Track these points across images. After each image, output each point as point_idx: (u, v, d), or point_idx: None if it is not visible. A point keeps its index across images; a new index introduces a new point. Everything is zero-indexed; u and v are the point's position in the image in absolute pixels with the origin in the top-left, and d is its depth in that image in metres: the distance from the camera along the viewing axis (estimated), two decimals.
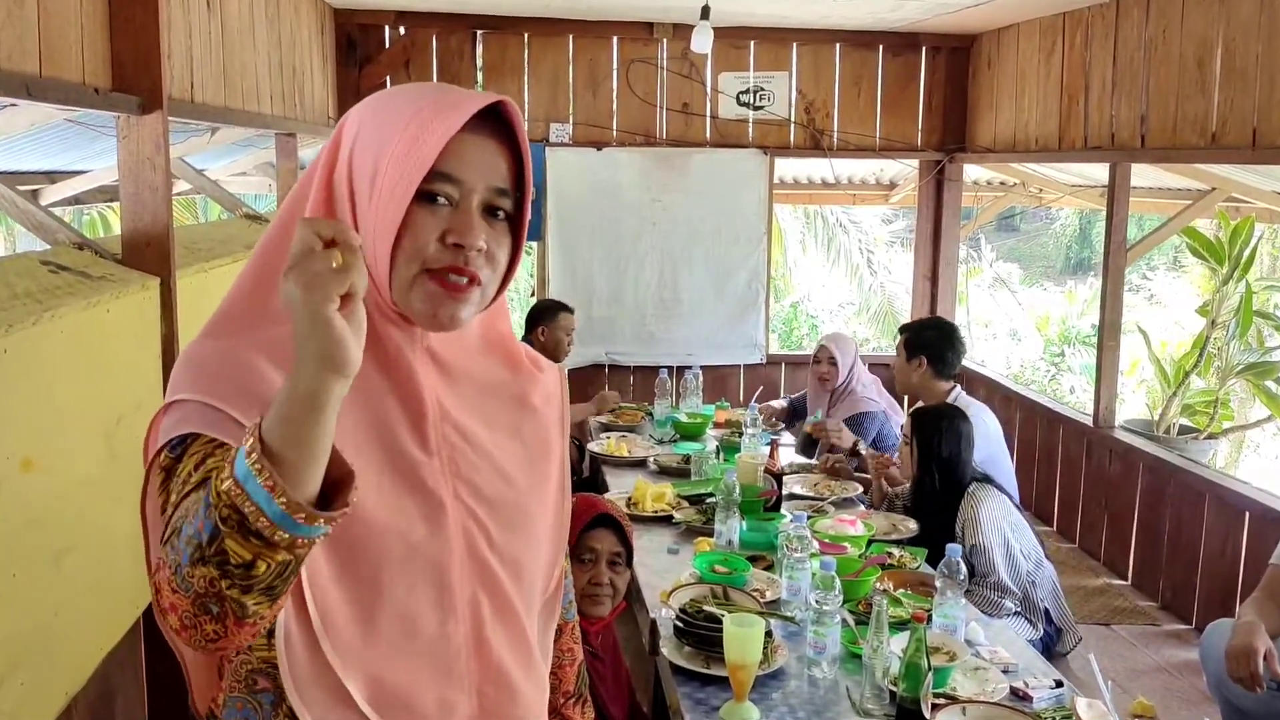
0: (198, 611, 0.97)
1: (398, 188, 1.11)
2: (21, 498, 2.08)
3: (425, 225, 1.13)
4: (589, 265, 6.49)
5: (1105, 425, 5.16)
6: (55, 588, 2.24)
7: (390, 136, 1.13)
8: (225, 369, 1.12)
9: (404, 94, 1.18)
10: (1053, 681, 2.49)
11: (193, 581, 0.96)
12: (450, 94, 1.15)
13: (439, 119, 1.12)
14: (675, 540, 3.46)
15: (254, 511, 0.93)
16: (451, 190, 1.14)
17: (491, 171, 1.16)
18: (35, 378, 2.14)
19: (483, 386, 1.27)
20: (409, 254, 1.13)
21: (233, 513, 0.93)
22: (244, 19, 3.98)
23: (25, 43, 2.26)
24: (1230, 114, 4.08)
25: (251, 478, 0.92)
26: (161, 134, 2.79)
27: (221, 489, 0.94)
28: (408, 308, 1.15)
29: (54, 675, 2.25)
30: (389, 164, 1.12)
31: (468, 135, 1.14)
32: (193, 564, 0.95)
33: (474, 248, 1.14)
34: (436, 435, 1.20)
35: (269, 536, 0.94)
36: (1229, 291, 5.75)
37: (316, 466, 0.95)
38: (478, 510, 1.22)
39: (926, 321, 4.59)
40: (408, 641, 1.17)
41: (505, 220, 1.19)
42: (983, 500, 3.36)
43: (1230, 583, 4.20)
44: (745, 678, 2.32)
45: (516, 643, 1.26)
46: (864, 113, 6.55)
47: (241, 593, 0.96)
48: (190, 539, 0.96)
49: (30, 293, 2.25)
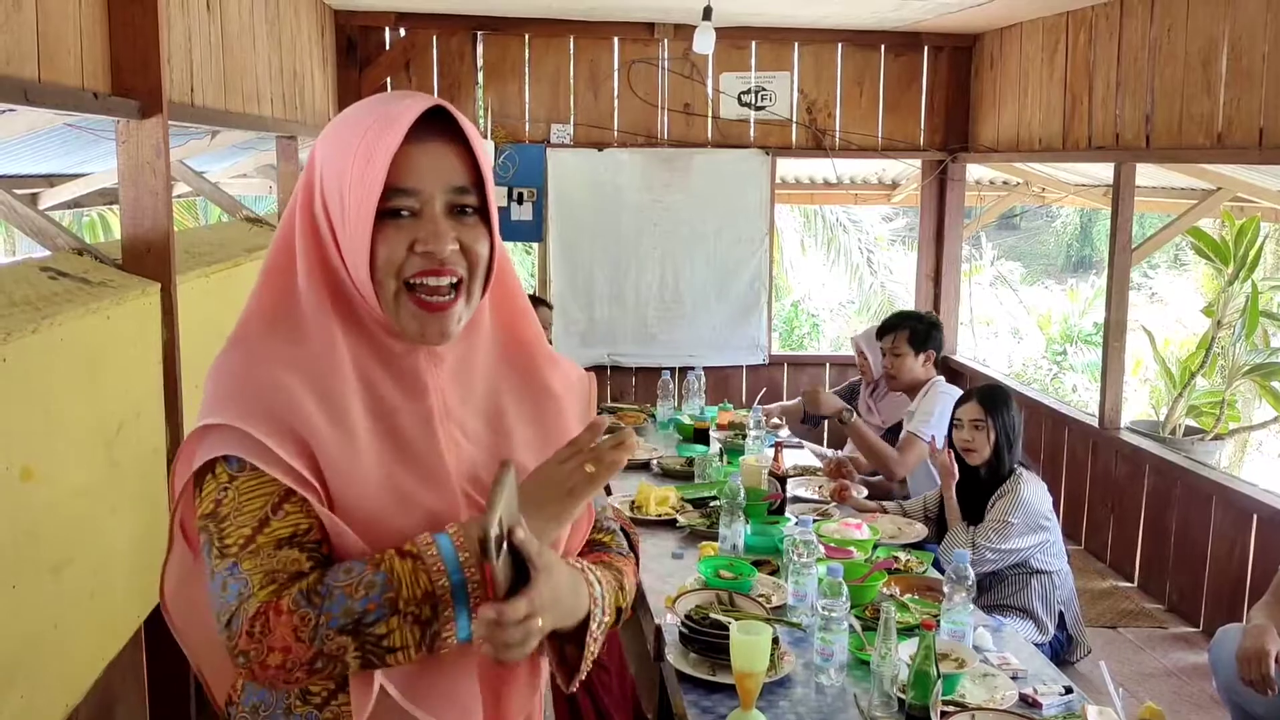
0: (309, 666, 1.11)
1: (360, 211, 1.17)
2: (20, 508, 2.06)
3: (393, 240, 1.18)
4: (590, 266, 6.47)
5: (1111, 426, 5.13)
6: (54, 599, 2.22)
7: (346, 163, 1.18)
8: (261, 392, 1.18)
9: (354, 116, 1.22)
10: (1062, 688, 2.47)
11: (327, 643, 1.10)
12: (391, 106, 1.19)
13: (382, 137, 1.16)
14: (679, 545, 3.43)
15: (447, 619, 1.14)
16: (411, 201, 1.19)
17: (447, 173, 1.20)
18: (34, 386, 2.12)
19: (493, 381, 1.32)
20: (385, 270, 1.19)
21: (430, 611, 1.12)
22: (244, 21, 3.96)
23: (23, 46, 2.24)
24: (1236, 114, 4.06)
25: (464, 591, 1.15)
26: (161, 138, 2.77)
27: (440, 597, 1.13)
28: (399, 327, 1.22)
29: (53, 688, 2.23)
30: (349, 190, 1.17)
31: (415, 145, 1.18)
32: (339, 631, 1.10)
33: (444, 251, 1.19)
34: (445, 434, 1.25)
35: (443, 642, 1.15)
36: (1235, 292, 5.72)
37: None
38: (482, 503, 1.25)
39: (915, 314, 4.54)
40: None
41: (475, 214, 1.23)
42: (1029, 482, 3.44)
43: (1238, 585, 4.17)
44: (753, 686, 2.30)
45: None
46: (866, 112, 6.53)
47: (360, 665, 1.13)
48: (349, 611, 1.11)
49: (29, 300, 2.23)
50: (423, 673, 1.21)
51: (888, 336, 4.35)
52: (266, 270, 1.26)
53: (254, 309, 1.26)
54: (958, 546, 3.28)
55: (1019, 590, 3.45)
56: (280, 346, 1.21)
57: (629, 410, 5.15)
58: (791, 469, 4.20)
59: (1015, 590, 3.45)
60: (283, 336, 1.22)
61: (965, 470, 3.55)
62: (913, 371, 4.30)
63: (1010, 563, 3.41)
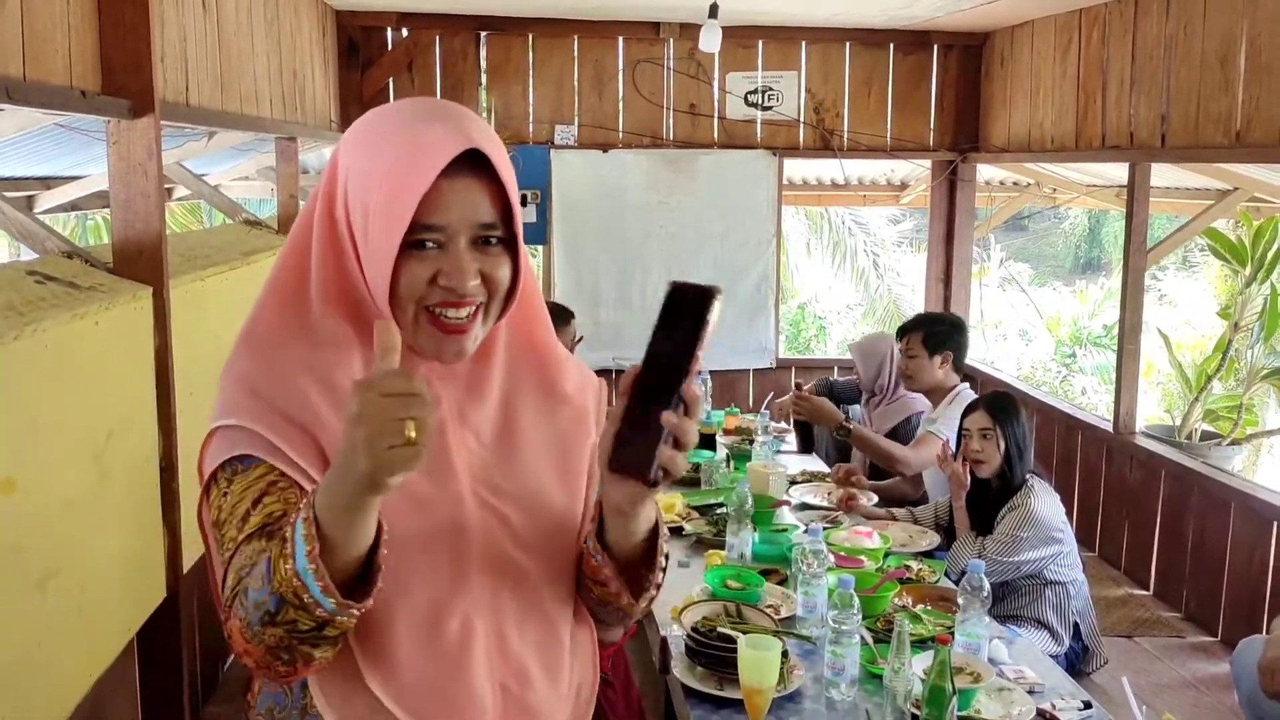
0: (272, 659, 1.11)
1: (384, 241, 1.16)
2: (3, 520, 1.99)
3: (416, 270, 1.18)
4: (595, 269, 6.41)
5: (1126, 431, 5.06)
6: (38, 615, 2.16)
7: (372, 182, 1.17)
8: (276, 395, 1.20)
9: (385, 130, 1.21)
10: (1081, 703, 2.40)
11: (265, 638, 1.09)
12: (424, 134, 1.17)
13: (413, 170, 1.15)
14: (685, 553, 3.37)
15: (312, 603, 1.06)
16: (436, 236, 1.18)
17: (473, 211, 1.19)
18: (17, 394, 2.05)
19: (506, 384, 1.32)
20: (404, 298, 1.19)
21: (294, 597, 1.05)
22: (241, 20, 3.90)
23: (7, 43, 2.18)
24: (1255, 112, 3.98)
25: (309, 575, 1.04)
26: (153, 138, 2.72)
27: (286, 576, 1.05)
28: (415, 344, 1.22)
29: (38, 706, 2.17)
30: (374, 214, 1.17)
31: (445, 180, 1.16)
32: (263, 625, 1.08)
33: (466, 286, 1.19)
34: (455, 439, 1.25)
35: (326, 619, 1.07)
36: (1252, 294, 5.64)
37: (359, 545, 1.07)
38: (501, 508, 1.26)
39: (936, 316, 4.52)
40: (428, 640, 1.21)
41: (499, 244, 1.23)
42: (1040, 494, 3.37)
43: (1258, 594, 4.10)
44: (761, 702, 2.24)
45: (540, 634, 1.29)
46: (874, 112, 6.47)
47: (311, 647, 1.10)
48: (258, 605, 1.08)
49: (12, 305, 2.16)
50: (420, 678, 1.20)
51: (905, 337, 4.28)
52: (280, 269, 1.27)
53: (267, 308, 1.26)
54: (967, 557, 3.20)
55: (1033, 601, 3.38)
56: (294, 347, 1.22)
57: None
58: (799, 474, 4.13)
59: (1029, 601, 3.39)
60: (296, 337, 1.22)
61: (976, 481, 3.48)
62: (930, 374, 4.19)
63: (1023, 574, 3.34)
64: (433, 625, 1.22)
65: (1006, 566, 3.29)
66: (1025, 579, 3.37)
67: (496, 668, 1.25)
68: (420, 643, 1.21)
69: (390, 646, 1.20)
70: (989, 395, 3.68)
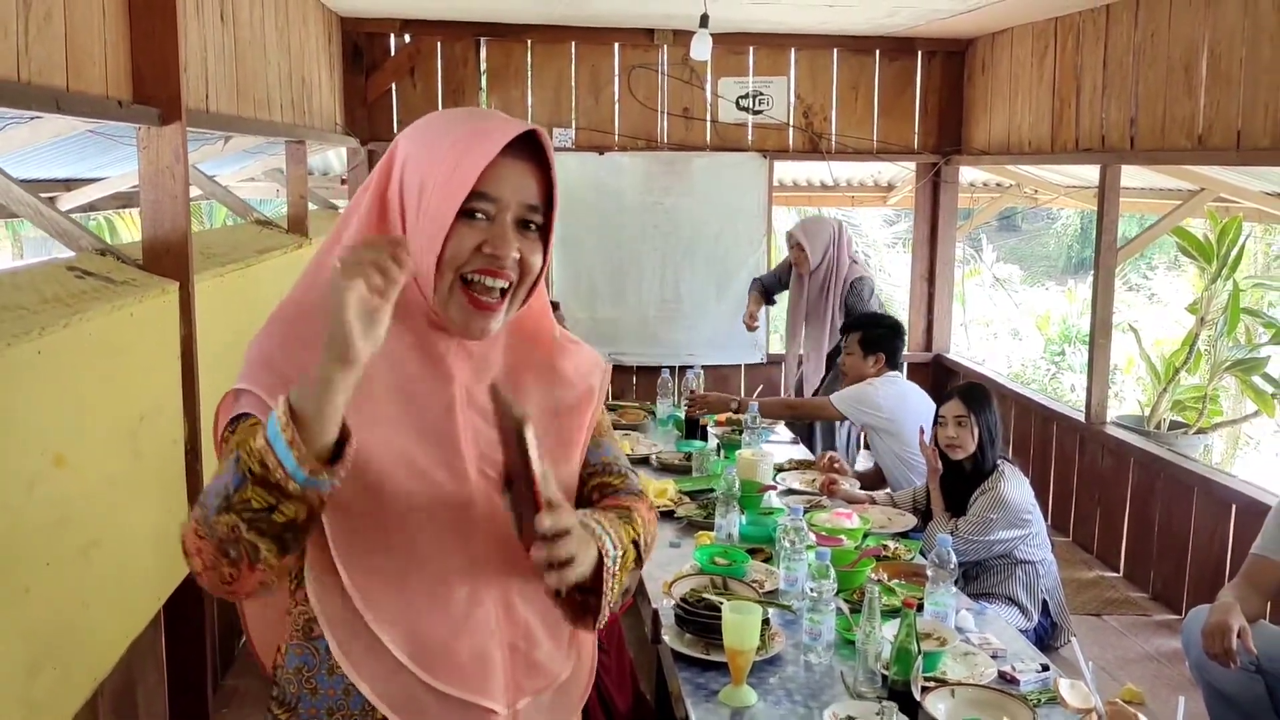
0: (218, 555, 1.17)
1: (443, 206, 1.27)
2: (54, 493, 2.19)
3: (465, 237, 1.29)
4: (592, 267, 6.59)
5: (1097, 421, 5.24)
6: (84, 580, 2.34)
7: (435, 161, 1.29)
8: (288, 368, 1.27)
9: (447, 120, 1.34)
10: (1039, 666, 2.58)
11: (217, 528, 1.16)
12: (487, 122, 1.31)
13: (477, 145, 1.28)
14: (677, 534, 3.53)
15: (275, 464, 1.14)
16: (488, 207, 1.30)
17: (523, 190, 1.32)
18: (65, 378, 2.24)
19: (512, 372, 1.42)
20: (449, 262, 1.29)
21: (260, 465, 1.14)
22: (255, 30, 4.09)
23: (54, 57, 2.36)
24: (1216, 117, 4.17)
25: (279, 436, 1.14)
26: (180, 144, 2.89)
27: (255, 446, 1.15)
28: (445, 316, 1.32)
29: (83, 663, 2.35)
30: (434, 186, 1.28)
31: (503, 159, 1.29)
32: (219, 513, 1.16)
33: (508, 257, 1.30)
34: (464, 419, 1.35)
35: (284, 487, 1.14)
36: (1217, 289, 5.84)
37: (325, 432, 1.16)
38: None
39: (877, 318, 4.76)
40: (439, 602, 1.31)
41: (536, 231, 1.35)
42: (1010, 478, 3.55)
43: (1217, 572, 4.27)
44: (744, 663, 2.39)
45: (542, 601, 1.36)
46: (861, 116, 6.65)
47: (258, 535, 1.15)
48: (219, 491, 1.16)
49: (59, 297, 2.36)
50: (433, 639, 1.29)
51: (846, 335, 4.62)
52: (320, 253, 1.40)
53: (298, 288, 1.38)
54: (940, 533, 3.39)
55: (1004, 579, 3.57)
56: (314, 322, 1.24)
57: (630, 407, 5.27)
58: (787, 463, 4.33)
59: (1000, 579, 3.57)
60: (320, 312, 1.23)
61: (950, 464, 3.67)
62: (861, 371, 4.53)
63: (994, 554, 3.53)
64: (442, 591, 1.30)
65: (978, 546, 3.48)
66: (996, 558, 3.56)
67: (504, 629, 1.34)
68: (431, 607, 1.30)
69: (403, 609, 1.29)
70: (963, 385, 3.87)
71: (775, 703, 2.40)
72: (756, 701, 2.39)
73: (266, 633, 1.46)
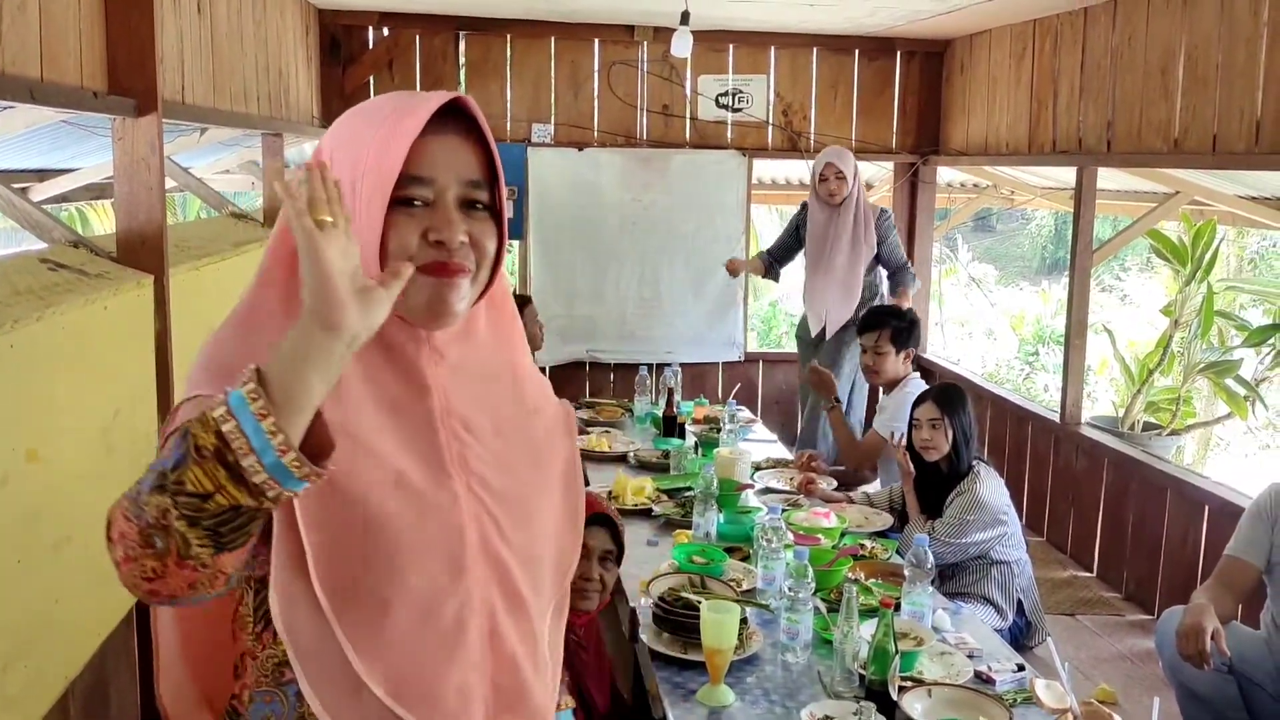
0: (143, 543, 0.98)
1: (374, 198, 1.16)
2: (26, 489, 2.16)
3: (405, 227, 1.17)
4: (570, 264, 6.57)
5: (1072, 422, 5.28)
6: (55, 576, 2.31)
7: (360, 150, 1.17)
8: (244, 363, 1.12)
9: (369, 107, 1.23)
10: (1015, 665, 2.60)
11: (146, 509, 0.98)
12: (409, 100, 1.20)
13: (400, 126, 1.16)
14: (654, 533, 3.54)
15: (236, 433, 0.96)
16: (425, 191, 1.19)
17: (461, 166, 1.21)
18: (38, 372, 2.22)
19: (488, 383, 1.31)
20: (395, 257, 1.16)
21: (215, 437, 0.96)
22: (232, 22, 4.05)
23: (27, 47, 2.33)
24: (1192, 120, 4.21)
25: (245, 406, 0.96)
26: (156, 135, 2.87)
27: (214, 414, 0.97)
28: (405, 308, 1.18)
29: (55, 661, 2.33)
30: (363, 178, 1.16)
31: (432, 136, 1.18)
32: (151, 491, 0.98)
33: (455, 241, 1.18)
34: (445, 431, 1.24)
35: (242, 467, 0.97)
36: (1191, 292, 5.89)
37: (298, 418, 0.99)
38: (488, 501, 1.25)
39: (894, 311, 4.61)
40: (424, 630, 1.19)
41: (485, 210, 1.24)
42: (986, 480, 3.55)
43: (1190, 573, 4.31)
44: (721, 662, 2.40)
45: (526, 637, 1.29)
46: (840, 115, 6.67)
47: (189, 525, 0.97)
48: (155, 468, 0.99)
49: (32, 290, 2.32)
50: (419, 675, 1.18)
51: (870, 334, 4.43)
52: (268, 261, 1.24)
53: (255, 294, 1.23)
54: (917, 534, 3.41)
55: (979, 579, 3.58)
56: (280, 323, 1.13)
57: (607, 405, 5.27)
58: (764, 461, 4.34)
59: (976, 579, 3.59)
60: (276, 318, 1.17)
61: (925, 466, 3.68)
62: (895, 369, 4.40)
63: (970, 555, 3.54)
64: (428, 618, 1.19)
65: (955, 548, 3.49)
66: (972, 558, 3.59)
67: (488, 660, 1.24)
68: (416, 635, 1.18)
69: (386, 637, 1.17)
70: (936, 387, 3.88)
71: (753, 702, 2.41)
72: (734, 701, 2.40)
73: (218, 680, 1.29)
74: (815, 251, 5.73)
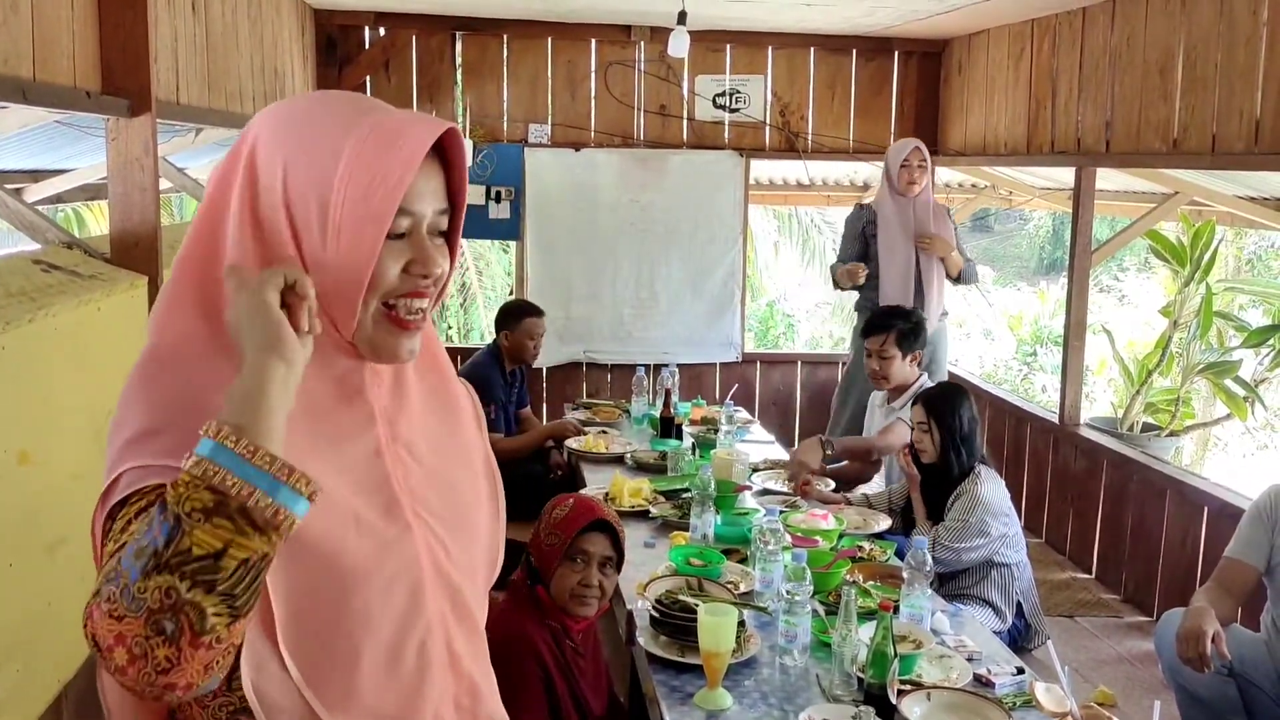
0: (150, 634, 0.92)
1: (366, 232, 1.10)
2: (18, 490, 2.14)
3: (389, 260, 1.13)
4: (567, 265, 6.56)
5: (1071, 423, 5.27)
6: (49, 578, 2.30)
7: (330, 173, 1.09)
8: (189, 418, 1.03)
9: (327, 118, 1.13)
10: (1014, 669, 2.58)
11: (145, 598, 0.92)
12: (386, 123, 1.12)
13: (389, 157, 1.10)
14: (651, 534, 3.52)
15: (229, 479, 0.93)
16: (407, 222, 1.14)
17: (435, 196, 1.17)
18: (31, 374, 2.20)
19: (425, 399, 1.28)
20: (375, 290, 1.14)
21: (206, 494, 0.93)
22: (227, 21, 4.03)
23: (20, 47, 2.32)
24: (1191, 120, 4.20)
25: (223, 450, 0.94)
26: (150, 135, 2.85)
27: (188, 476, 0.94)
28: (365, 343, 1.16)
29: (47, 663, 2.31)
30: (344, 207, 1.09)
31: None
32: (145, 576, 0.92)
33: (436, 274, 1.16)
34: (391, 456, 1.20)
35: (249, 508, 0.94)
36: (1190, 293, 5.89)
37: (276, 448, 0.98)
38: (434, 525, 1.23)
39: (899, 312, 4.48)
40: (394, 668, 1.16)
41: (442, 236, 1.20)
42: (986, 480, 3.53)
43: (1189, 575, 4.31)
44: (719, 665, 2.38)
45: (476, 647, 1.29)
46: (838, 116, 6.66)
47: (204, 592, 0.92)
48: (142, 551, 0.93)
49: (25, 291, 2.31)
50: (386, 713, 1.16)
51: (875, 338, 4.30)
52: (184, 270, 1.16)
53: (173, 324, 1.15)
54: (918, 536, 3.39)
55: (979, 581, 3.57)
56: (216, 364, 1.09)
57: (604, 406, 5.25)
58: (761, 463, 4.32)
59: (975, 581, 3.57)
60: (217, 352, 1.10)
61: (926, 469, 3.67)
62: (902, 372, 4.30)
63: (975, 559, 3.52)
64: (393, 658, 1.16)
65: (959, 550, 3.46)
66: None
67: (450, 686, 1.23)
68: (386, 679, 1.15)
69: (357, 689, 1.13)
70: (927, 390, 3.86)
71: (750, 706, 2.39)
72: (732, 705, 2.38)
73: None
74: (895, 245, 5.39)
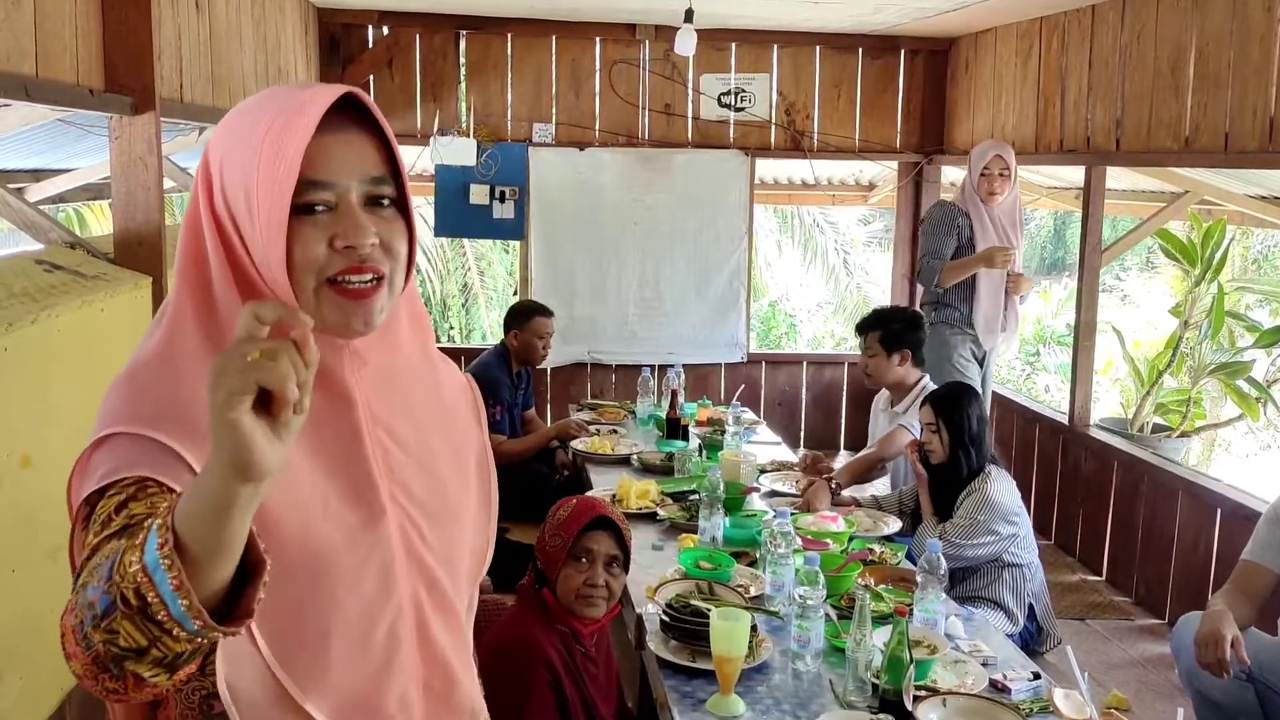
0: (99, 671, 0.93)
1: (273, 211, 1.08)
2: (20, 494, 2.11)
3: (310, 237, 1.10)
4: (572, 264, 6.53)
5: (1081, 424, 5.24)
6: (51, 584, 2.26)
7: (251, 159, 1.09)
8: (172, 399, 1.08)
9: (254, 107, 1.14)
10: (1030, 674, 2.55)
11: (93, 643, 0.92)
12: (295, 97, 1.11)
13: (290, 128, 1.08)
14: (659, 537, 3.50)
15: (157, 603, 0.89)
16: (326, 195, 1.11)
17: (362, 163, 1.13)
18: (33, 376, 2.17)
19: (409, 383, 1.27)
20: (303, 269, 1.10)
21: (135, 597, 0.90)
22: (231, 19, 4.01)
23: (22, 44, 2.29)
24: (1203, 118, 4.16)
25: (160, 570, 0.89)
26: (154, 134, 2.83)
27: (129, 570, 0.90)
28: (320, 323, 1.10)
29: (50, 671, 2.28)
30: (258, 188, 1.09)
31: (327, 135, 1.11)
32: (94, 628, 0.92)
33: (365, 245, 1.12)
34: (371, 440, 1.20)
35: (169, 629, 0.91)
36: (1201, 293, 5.86)
37: (225, 565, 0.92)
38: (411, 510, 1.22)
39: (892, 312, 4.44)
40: (363, 649, 1.17)
41: (393, 206, 1.17)
42: (997, 480, 3.52)
43: (1202, 578, 4.27)
44: (731, 671, 2.35)
45: (454, 634, 1.28)
46: (843, 114, 6.63)
47: (135, 663, 0.92)
48: (91, 604, 0.92)
49: (27, 292, 2.28)
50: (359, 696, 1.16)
51: (864, 336, 4.29)
52: (178, 275, 1.17)
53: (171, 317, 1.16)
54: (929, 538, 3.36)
55: (991, 582, 3.54)
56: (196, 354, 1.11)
57: (609, 406, 5.22)
58: (769, 464, 4.28)
59: (987, 582, 3.55)
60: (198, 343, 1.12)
61: (936, 468, 3.64)
62: (890, 372, 4.23)
63: (983, 557, 3.50)
64: (363, 637, 1.17)
65: (965, 549, 3.44)
66: (984, 561, 3.54)
67: (420, 669, 1.23)
68: (355, 659, 1.16)
69: (328, 669, 1.14)
70: (935, 391, 3.83)
71: (764, 712, 2.36)
72: (745, 711, 2.35)
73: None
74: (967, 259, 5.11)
